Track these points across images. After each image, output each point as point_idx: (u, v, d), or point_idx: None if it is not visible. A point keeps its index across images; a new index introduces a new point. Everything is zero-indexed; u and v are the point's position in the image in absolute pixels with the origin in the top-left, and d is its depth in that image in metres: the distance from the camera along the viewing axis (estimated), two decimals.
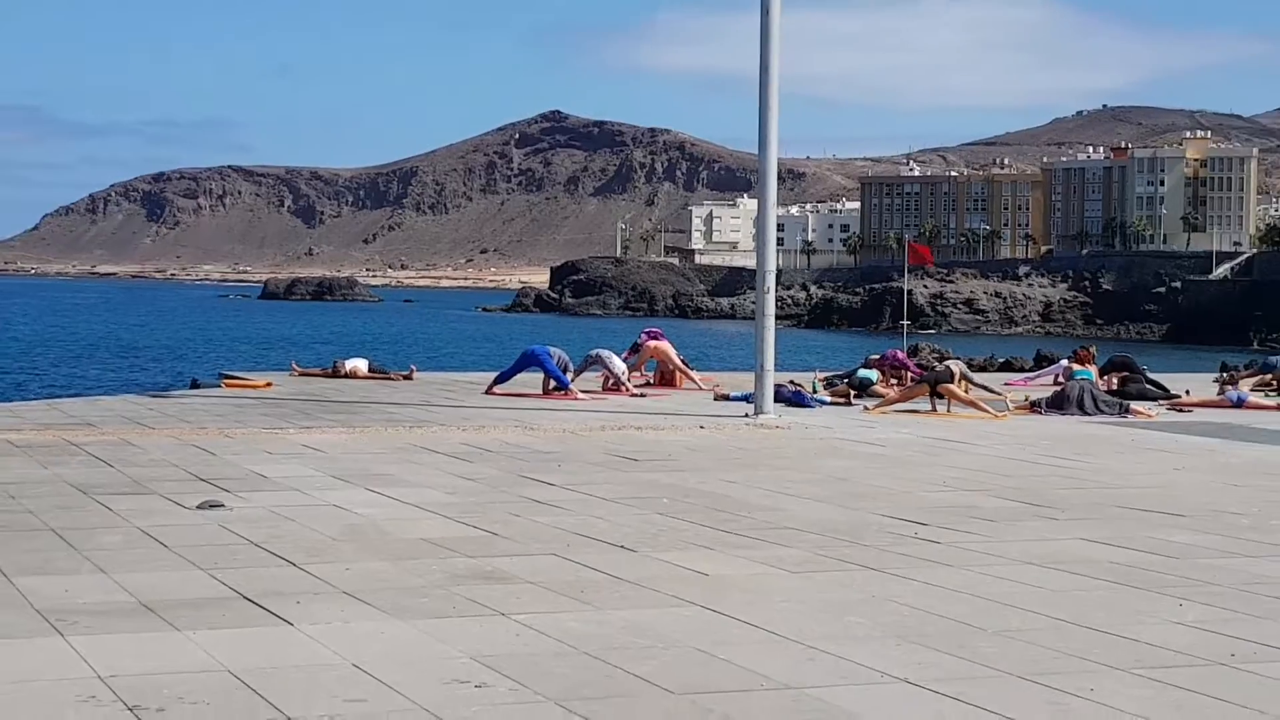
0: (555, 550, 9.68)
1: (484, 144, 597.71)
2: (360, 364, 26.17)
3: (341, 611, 7.79)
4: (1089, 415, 21.41)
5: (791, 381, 23.55)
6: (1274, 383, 27.71)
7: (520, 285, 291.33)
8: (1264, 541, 10.59)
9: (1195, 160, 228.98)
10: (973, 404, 21.49)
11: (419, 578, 8.70)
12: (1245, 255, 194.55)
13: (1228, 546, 10.37)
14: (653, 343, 25.94)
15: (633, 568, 9.14)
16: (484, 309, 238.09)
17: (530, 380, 23.73)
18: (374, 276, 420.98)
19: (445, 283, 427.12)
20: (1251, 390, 24.87)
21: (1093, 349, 26.49)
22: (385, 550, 9.61)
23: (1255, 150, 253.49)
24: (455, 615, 7.75)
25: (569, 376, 23.19)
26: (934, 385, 21.83)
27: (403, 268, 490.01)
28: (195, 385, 25.21)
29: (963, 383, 22.91)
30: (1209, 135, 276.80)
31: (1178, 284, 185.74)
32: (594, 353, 24.66)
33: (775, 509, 11.77)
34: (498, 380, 23.74)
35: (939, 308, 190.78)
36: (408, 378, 25.75)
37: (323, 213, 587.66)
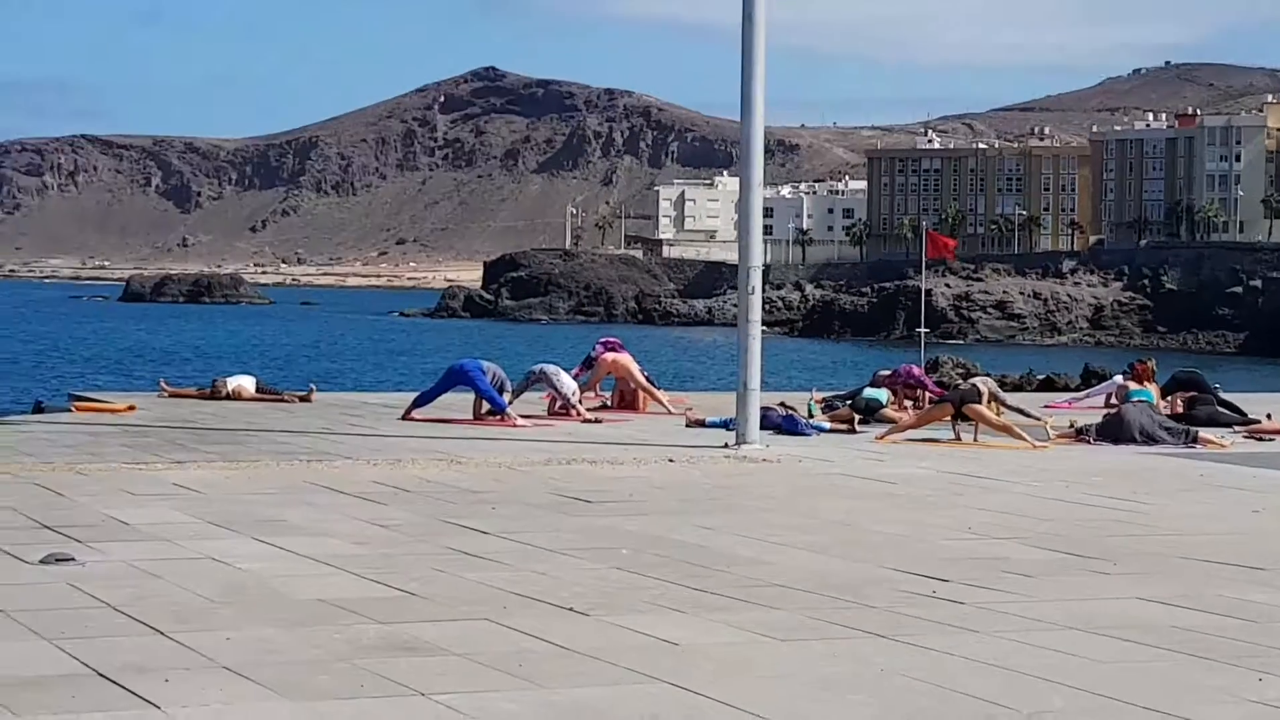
0: (488, 614, 9.68)
1: (400, 108, 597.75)
2: (246, 383, 26.11)
3: (220, 691, 7.78)
4: (1148, 445, 21.52)
5: (782, 404, 23.62)
6: None
7: (446, 284, 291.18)
8: None
9: (1279, 130, 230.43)
10: (1007, 429, 21.58)
11: (318, 649, 8.69)
12: None
13: None
14: (610, 356, 25.98)
15: (584, 636, 9.14)
16: (401, 313, 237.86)
17: (458, 402, 23.71)
18: (264, 273, 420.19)
19: (353, 281, 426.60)
20: None
21: (1151, 363, 26.60)
22: (276, 614, 9.59)
23: None
24: (363, 696, 7.74)
25: (506, 398, 23.20)
26: (958, 406, 21.92)
27: (300, 262, 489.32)
28: (39, 409, 25.12)
29: (993, 404, 23.02)
30: None
31: (1257, 283, 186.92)
32: (537, 368, 24.68)
33: (761, 561, 11.80)
34: (418, 402, 23.73)
35: (964, 312, 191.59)
36: (305, 399, 25.71)
37: (200, 194, 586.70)
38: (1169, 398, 25.62)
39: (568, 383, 24.17)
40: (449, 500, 14.81)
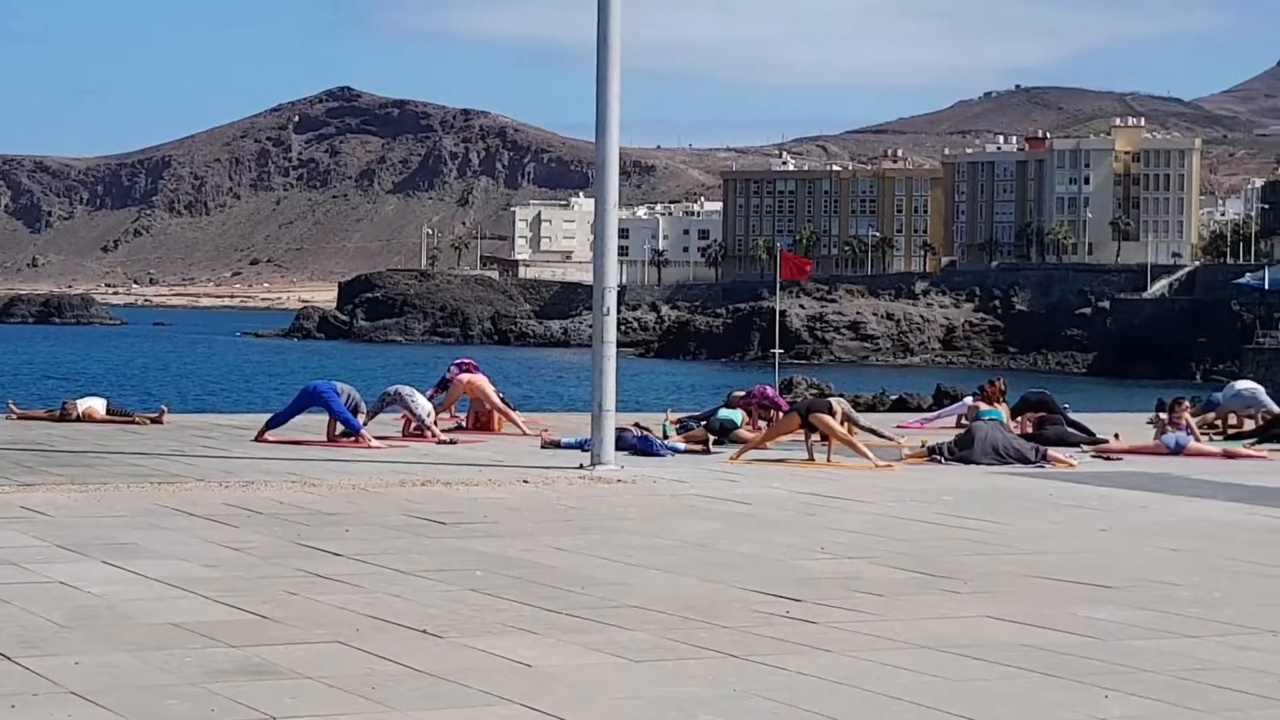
0: (341, 637, 9.62)
1: (255, 128, 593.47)
2: (96, 404, 25.82)
3: (68, 717, 7.67)
4: (999, 464, 21.75)
5: (637, 424, 23.64)
6: (1219, 424, 28.41)
7: (301, 305, 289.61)
8: (1206, 618, 10.83)
9: (1126, 153, 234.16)
10: (852, 444, 21.72)
11: (169, 674, 8.60)
12: (1186, 269, 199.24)
13: (1163, 625, 10.60)
14: (465, 377, 25.92)
15: (438, 658, 9.11)
16: (255, 334, 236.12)
17: (312, 423, 23.56)
18: (115, 293, 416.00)
19: (206, 301, 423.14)
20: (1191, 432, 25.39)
21: (1001, 383, 26.91)
22: (125, 639, 9.48)
23: (1197, 141, 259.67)
24: None
25: (360, 419, 23.07)
26: (805, 416, 22.02)
27: (152, 282, 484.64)
28: None
29: (846, 425, 23.19)
30: (1143, 123, 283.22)
31: (1106, 304, 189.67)
32: (392, 390, 24.56)
33: (615, 583, 11.80)
34: (271, 424, 23.56)
35: (818, 333, 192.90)
36: (157, 421, 25.46)
37: (50, 213, 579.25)
38: (1019, 418, 25.93)
39: (422, 404, 24.08)
40: (302, 522, 14.70)
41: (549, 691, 8.35)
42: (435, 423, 24.11)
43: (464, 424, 25.88)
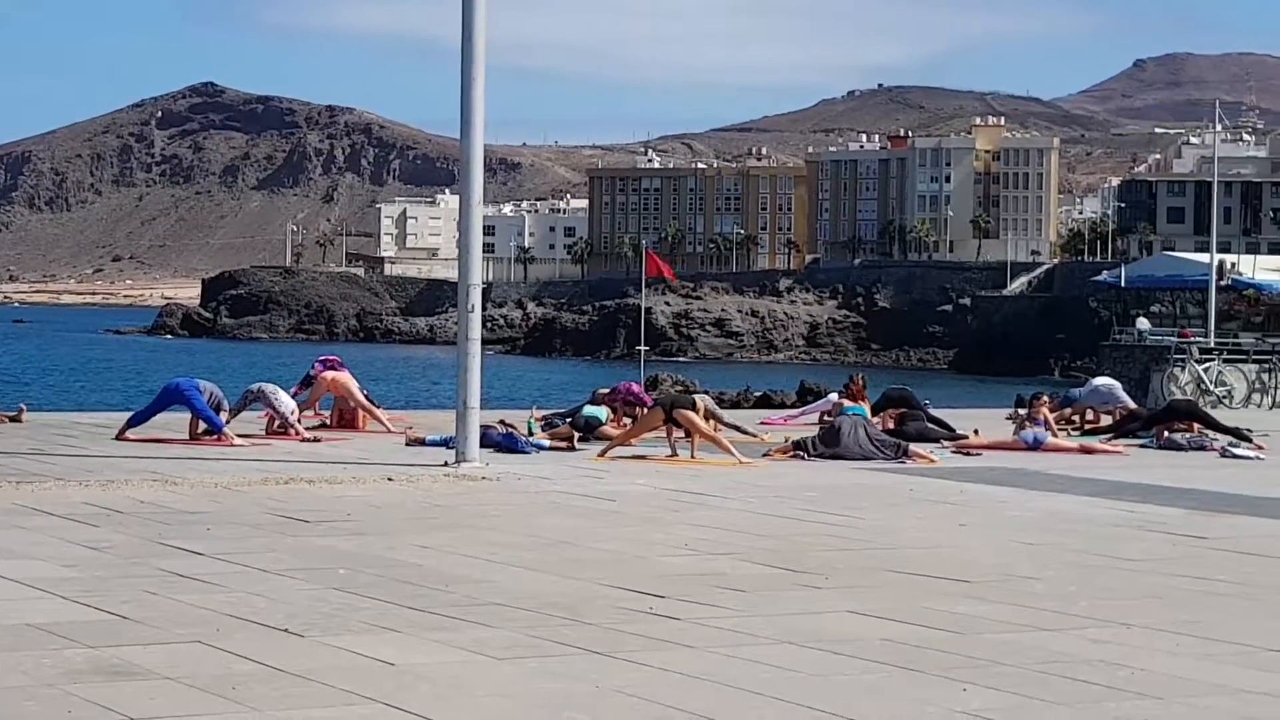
0: (201, 637, 9.54)
1: (117, 124, 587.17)
2: None
3: None
4: (861, 460, 21.90)
5: (502, 422, 23.62)
6: (1076, 419, 28.76)
7: (164, 302, 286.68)
8: (1061, 611, 10.95)
9: (987, 152, 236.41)
10: (716, 441, 21.81)
11: (24, 675, 8.48)
12: (1045, 266, 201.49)
13: (1019, 618, 10.71)
14: (330, 374, 25.78)
15: (300, 657, 9.05)
16: (116, 331, 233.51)
17: (174, 421, 23.34)
18: None
19: (67, 298, 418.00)
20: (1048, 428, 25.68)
21: (860, 378, 27.09)
22: None
23: (1056, 140, 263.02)
24: None
25: (223, 417, 22.89)
26: (669, 411, 22.09)
27: (12, 280, 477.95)
28: None
29: (711, 422, 23.27)
30: (1003, 122, 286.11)
31: (966, 301, 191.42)
32: (255, 387, 24.39)
33: (480, 580, 11.78)
34: (132, 422, 23.33)
35: (684, 330, 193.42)
36: (15, 419, 25.14)
37: None
38: (880, 414, 26.11)
39: (286, 401, 23.92)
40: (163, 521, 14.56)
41: (411, 690, 8.32)
42: (299, 420, 23.96)
43: (328, 422, 25.73)
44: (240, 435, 22.63)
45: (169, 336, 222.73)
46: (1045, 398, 26.97)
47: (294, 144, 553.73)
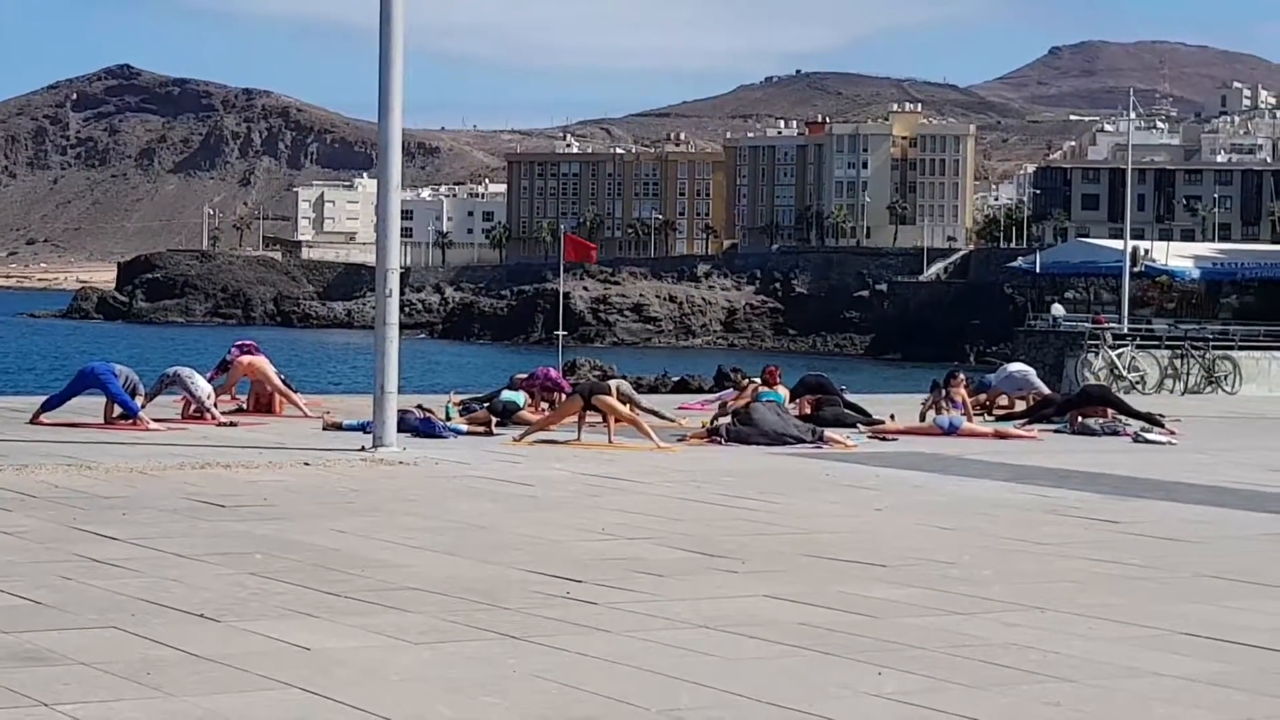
0: (116, 622, 9.48)
1: (31, 106, 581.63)
2: None
3: None
4: (777, 445, 21.95)
5: (420, 406, 23.55)
6: (990, 405, 28.93)
7: (79, 285, 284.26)
8: (975, 595, 11.02)
9: (903, 138, 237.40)
10: (635, 423, 21.84)
11: None
12: (961, 252, 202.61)
13: (934, 602, 10.77)
14: (246, 358, 25.64)
15: (215, 642, 9.01)
16: (31, 315, 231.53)
17: (89, 405, 23.18)
18: None
19: None
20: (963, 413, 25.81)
21: (773, 368, 27.08)
22: None
23: (972, 127, 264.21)
24: None
25: (139, 401, 22.74)
26: (588, 398, 22.11)
27: None
28: None
29: (629, 406, 23.29)
30: (920, 109, 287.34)
31: (883, 287, 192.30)
32: (171, 371, 24.24)
33: (396, 565, 11.76)
34: (47, 406, 23.15)
35: (602, 315, 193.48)
36: None
37: None
38: (797, 400, 26.18)
39: (202, 386, 23.79)
40: (78, 506, 14.46)
41: (327, 675, 8.30)
42: (215, 405, 23.84)
43: (245, 406, 25.60)
44: (156, 420, 22.48)
45: (83, 321, 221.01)
46: (962, 375, 27.06)
47: (211, 127, 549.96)
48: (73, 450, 19.03)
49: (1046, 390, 28.92)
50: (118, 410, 22.61)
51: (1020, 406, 28.51)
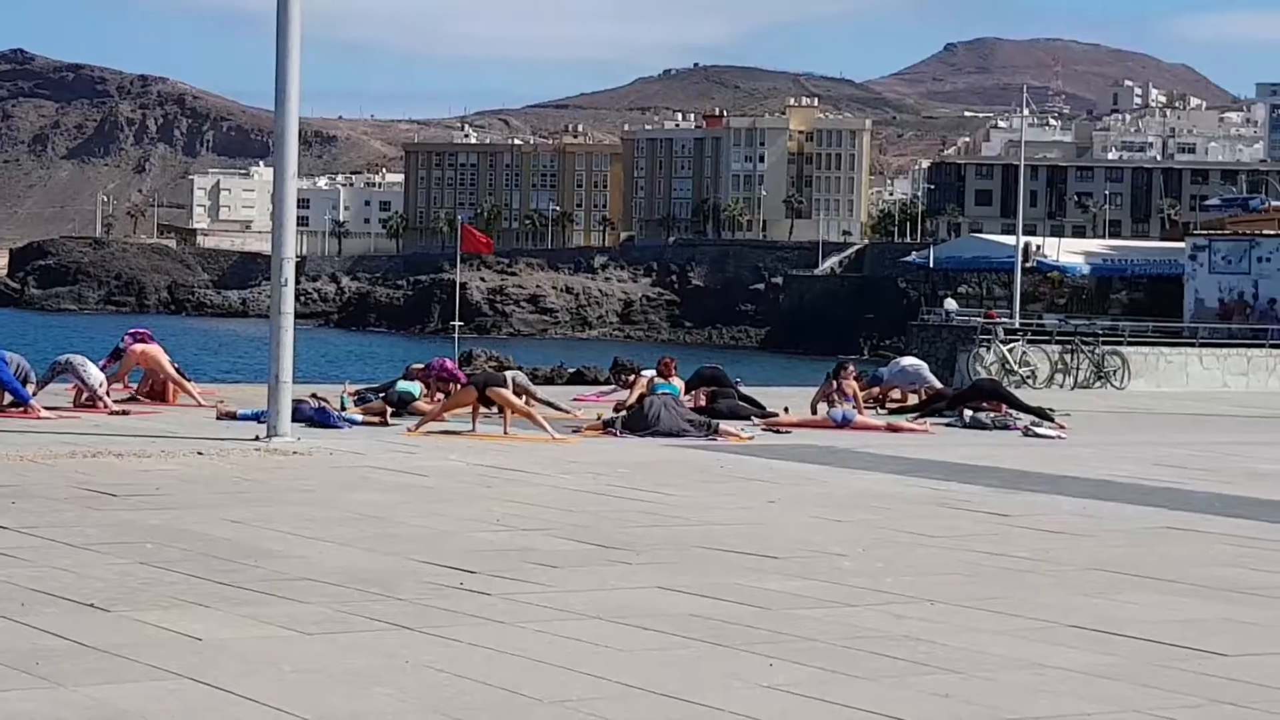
0: (5, 612, 9.40)
1: None
2: None
3: None
4: (671, 437, 22.00)
5: (315, 395, 23.41)
6: (882, 398, 29.09)
7: None
8: (867, 587, 11.09)
9: (800, 132, 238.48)
10: (530, 416, 21.83)
11: None
12: (856, 247, 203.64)
13: (826, 594, 10.83)
14: (139, 346, 25.40)
15: (105, 632, 8.94)
16: None
17: None
18: None
19: None
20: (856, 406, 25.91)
21: (668, 359, 27.09)
22: None
23: (868, 122, 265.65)
24: None
25: (30, 389, 22.50)
26: (482, 390, 22.06)
27: None
28: None
29: (523, 397, 23.27)
30: (816, 103, 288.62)
31: (778, 280, 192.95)
32: (63, 359, 23.98)
33: (289, 555, 11.71)
34: None
35: (499, 305, 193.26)
36: None
37: None
38: (692, 392, 26.21)
39: (94, 373, 23.56)
40: None
41: (219, 665, 8.26)
42: (108, 393, 23.62)
43: (137, 395, 25.38)
44: (47, 408, 22.25)
45: None
46: (852, 366, 27.10)
47: (105, 113, 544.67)
48: None
49: (939, 384, 29.11)
50: (8, 398, 22.35)
51: (913, 400, 28.68)
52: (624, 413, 23.06)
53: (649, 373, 26.51)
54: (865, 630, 9.65)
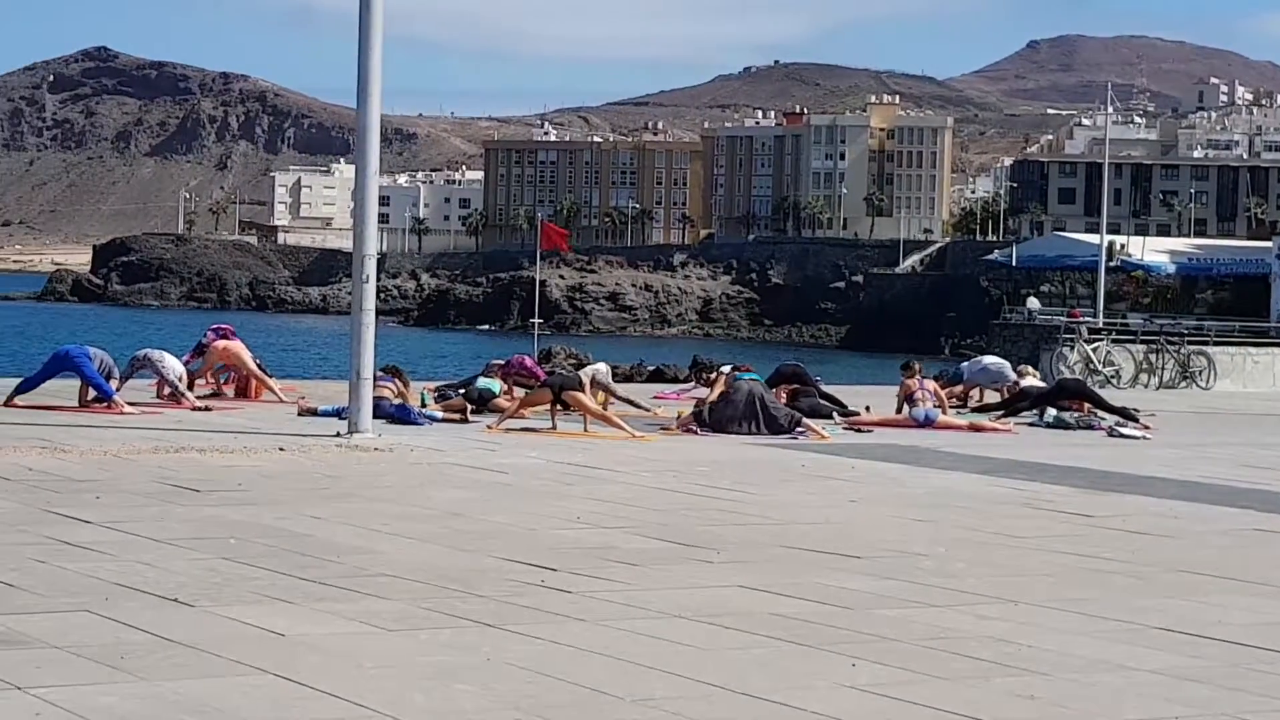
0: (89, 605, 9.45)
1: (7, 86, 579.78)
2: None
3: None
4: (754, 434, 21.94)
5: (390, 367, 23.49)
6: (964, 397, 28.95)
7: (54, 268, 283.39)
8: (949, 588, 11.03)
9: (881, 130, 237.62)
10: (605, 418, 21.81)
11: None
12: (937, 245, 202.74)
13: (908, 594, 10.78)
14: (222, 343, 25.56)
15: (189, 627, 8.99)
16: (5, 297, 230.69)
17: (64, 388, 23.10)
18: None
19: None
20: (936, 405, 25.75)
21: (745, 366, 26.92)
22: None
23: (950, 120, 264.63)
24: None
25: (114, 384, 22.68)
26: (558, 392, 22.07)
27: None
28: None
29: (600, 393, 23.26)
30: (897, 101, 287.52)
31: (859, 278, 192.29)
32: (141, 354, 24.16)
33: (370, 551, 11.74)
34: (21, 389, 23.05)
35: (578, 303, 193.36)
36: None
37: None
38: (774, 389, 26.13)
39: (173, 365, 23.68)
40: (51, 489, 14.41)
41: (301, 661, 8.28)
42: (190, 386, 23.78)
43: (219, 389, 25.54)
44: (131, 403, 22.42)
45: (58, 303, 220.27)
46: (916, 365, 26.49)
47: (188, 111, 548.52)
48: (47, 433, 18.97)
49: (1022, 382, 28.91)
50: (93, 393, 22.54)
51: (994, 399, 28.52)
52: (707, 406, 22.96)
53: (728, 368, 26.46)
54: (948, 630, 9.59)
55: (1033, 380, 28.37)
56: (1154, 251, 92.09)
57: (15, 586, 9.97)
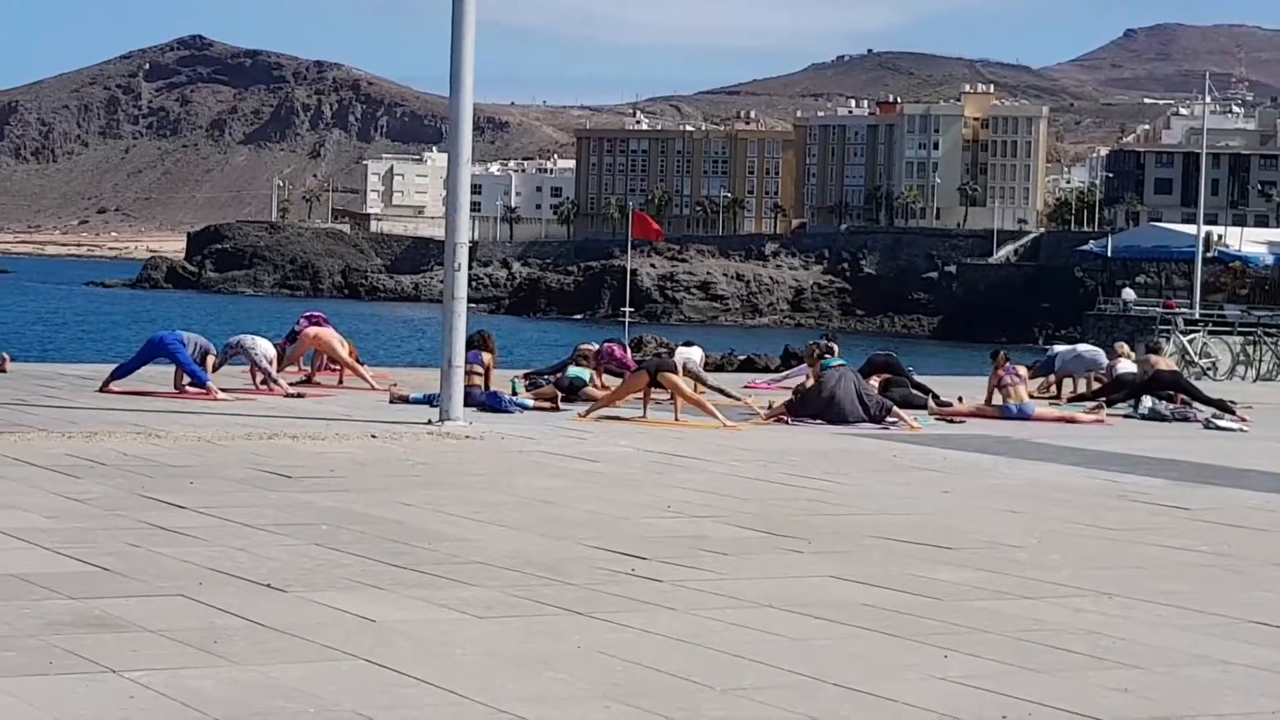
0: (183, 590, 9.53)
1: (104, 75, 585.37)
2: None
3: None
4: (845, 424, 21.88)
5: (481, 336, 23.56)
6: (1057, 385, 28.73)
7: (149, 255, 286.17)
8: (1043, 580, 10.97)
9: (975, 119, 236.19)
10: (700, 404, 21.80)
11: (5, 625, 8.47)
12: (1031, 235, 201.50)
13: (1001, 586, 10.72)
14: (314, 330, 25.73)
15: (281, 612, 9.04)
16: (101, 284, 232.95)
17: (158, 375, 23.31)
18: None
19: (51, 249, 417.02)
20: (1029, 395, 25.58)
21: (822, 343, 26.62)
22: None
23: (1045, 109, 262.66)
24: (53, 673, 7.56)
25: (208, 371, 22.85)
26: (654, 375, 22.08)
27: None
28: None
29: (694, 384, 23.25)
30: (992, 90, 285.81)
31: (952, 268, 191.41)
32: (234, 340, 24.33)
33: (461, 539, 11.78)
34: (117, 374, 23.28)
35: (669, 292, 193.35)
36: None
37: None
38: (866, 379, 26.03)
39: (264, 349, 23.82)
40: (146, 474, 14.54)
41: (392, 647, 8.32)
42: (280, 371, 23.95)
43: (311, 377, 25.69)
44: (224, 390, 22.59)
45: (153, 290, 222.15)
46: (1003, 354, 26.05)
47: (281, 99, 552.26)
48: (141, 419, 19.14)
49: (1118, 366, 28.54)
50: (187, 379, 22.73)
51: (1085, 388, 28.32)
52: (798, 395, 22.89)
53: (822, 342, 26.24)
54: (1041, 623, 9.53)
55: (1127, 364, 28.08)
56: (1251, 242, 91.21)
57: (111, 571, 10.07)
